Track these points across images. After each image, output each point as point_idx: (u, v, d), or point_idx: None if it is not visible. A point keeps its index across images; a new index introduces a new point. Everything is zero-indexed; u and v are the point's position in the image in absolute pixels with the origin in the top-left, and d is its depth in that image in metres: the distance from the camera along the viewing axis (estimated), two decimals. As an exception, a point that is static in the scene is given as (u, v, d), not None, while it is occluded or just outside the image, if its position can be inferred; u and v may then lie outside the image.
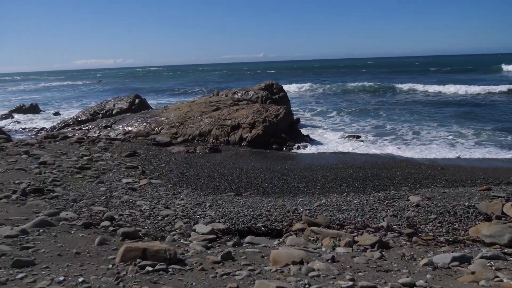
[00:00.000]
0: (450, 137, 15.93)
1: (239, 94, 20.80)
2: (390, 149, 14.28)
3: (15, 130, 20.40)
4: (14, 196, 6.91)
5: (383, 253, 4.77)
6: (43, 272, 3.71)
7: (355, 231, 5.88)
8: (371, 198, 7.86)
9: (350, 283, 3.61)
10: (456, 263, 4.37)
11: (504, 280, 3.74)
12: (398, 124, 19.28)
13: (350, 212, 6.85)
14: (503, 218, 6.29)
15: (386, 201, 7.54)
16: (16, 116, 25.40)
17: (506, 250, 5.03)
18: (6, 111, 27.11)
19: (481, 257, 4.55)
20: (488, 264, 4.34)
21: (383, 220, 6.41)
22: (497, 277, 3.85)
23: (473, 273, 4.03)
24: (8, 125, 22.30)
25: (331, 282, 3.68)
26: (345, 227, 6.11)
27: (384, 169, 11.14)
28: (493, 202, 6.79)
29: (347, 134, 16.73)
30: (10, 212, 5.96)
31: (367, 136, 16.58)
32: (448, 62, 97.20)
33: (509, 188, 8.41)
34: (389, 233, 5.82)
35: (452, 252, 4.81)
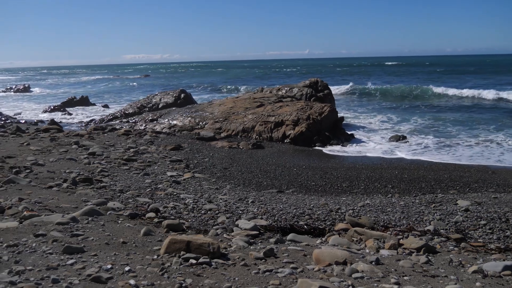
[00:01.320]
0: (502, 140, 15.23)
1: (283, 91, 20.73)
2: (437, 151, 13.83)
3: (66, 121, 21.21)
4: (64, 185, 7.20)
5: (430, 257, 4.62)
6: (92, 260, 3.83)
7: (400, 233, 5.73)
8: (417, 201, 7.65)
9: (395, 286, 3.52)
10: (508, 272, 4.17)
11: (561, 293, 3.54)
12: (446, 126, 18.67)
13: (395, 214, 6.69)
14: (560, 227, 5.97)
15: (433, 204, 7.32)
16: (68, 108, 26.39)
17: (563, 261, 4.76)
18: (59, 103, 28.23)
19: (535, 267, 4.33)
20: (542, 274, 4.12)
21: (430, 224, 6.22)
22: (552, 288, 3.65)
23: (526, 283, 3.85)
24: (60, 116, 23.23)
25: (375, 284, 3.60)
26: (390, 229, 5.97)
27: (431, 171, 10.81)
28: (549, 210, 6.46)
29: (393, 134, 16.34)
30: (61, 200, 6.21)
31: (412, 137, 16.13)
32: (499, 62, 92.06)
33: None
34: (436, 237, 5.63)
35: (504, 260, 4.60)
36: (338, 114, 17.87)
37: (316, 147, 14.50)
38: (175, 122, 17.64)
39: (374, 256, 4.40)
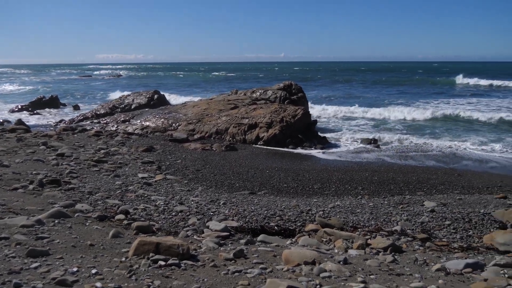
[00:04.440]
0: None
1: (258, 93, 20.80)
2: (407, 154, 14.13)
3: (35, 122, 20.72)
4: (31, 187, 7.03)
5: (396, 257, 4.72)
6: (57, 263, 3.76)
7: (368, 234, 5.84)
8: (386, 202, 7.80)
9: (362, 285, 3.58)
10: (469, 269, 4.31)
11: (518, 289, 3.68)
12: (415, 129, 19.06)
13: (364, 215, 6.81)
14: (519, 227, 6.20)
15: (401, 205, 7.48)
16: (36, 108, 25.75)
17: (521, 259, 4.94)
18: (27, 103, 27.54)
19: (495, 265, 4.48)
20: (501, 272, 4.26)
21: (397, 224, 6.36)
22: (509, 285, 3.78)
23: (485, 280, 3.98)
24: (28, 116, 22.67)
25: (342, 283, 3.66)
26: (359, 229, 6.08)
27: (400, 173, 11.04)
28: (509, 210, 6.72)
29: (364, 138, 16.59)
30: (27, 202, 6.07)
31: (383, 140, 16.42)
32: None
33: (528, 196, 8.28)
34: (402, 237, 5.77)
35: (466, 258, 4.75)
36: (312, 117, 18.04)
37: (289, 150, 14.60)
38: (147, 123, 17.47)
39: (342, 256, 4.47)
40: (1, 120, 19.79)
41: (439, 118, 21.54)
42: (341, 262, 4.27)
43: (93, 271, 3.62)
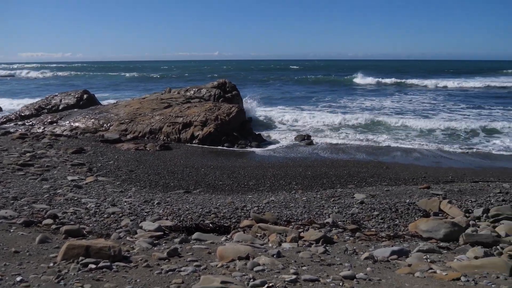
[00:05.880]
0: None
1: (192, 92, 20.62)
2: (339, 148, 14.64)
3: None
4: None
5: (327, 248, 4.92)
6: (-22, 272, 3.56)
7: (301, 227, 6.02)
8: (319, 196, 8.05)
9: (294, 276, 3.69)
10: (395, 256, 4.59)
11: (437, 271, 3.96)
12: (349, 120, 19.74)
13: (298, 209, 7.00)
14: (439, 215, 6.66)
15: (333, 199, 7.76)
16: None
17: (441, 244, 5.32)
18: None
19: (418, 251, 4.80)
20: (424, 257, 4.58)
21: (329, 217, 6.59)
22: (431, 268, 4.07)
23: (409, 265, 4.25)
24: None
25: (275, 276, 3.75)
26: (292, 223, 6.25)
27: (332, 168, 11.43)
28: (431, 200, 7.17)
29: (297, 134, 16.97)
30: None
31: (316, 136, 16.88)
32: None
33: (447, 186, 8.88)
34: (333, 229, 6.00)
35: (392, 246, 5.03)
36: (246, 115, 18.18)
37: (224, 147, 14.63)
38: (77, 124, 16.78)
39: (276, 250, 4.58)
40: None
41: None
42: (274, 256, 4.37)
43: (18, 278, 3.46)
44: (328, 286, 3.56)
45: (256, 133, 16.74)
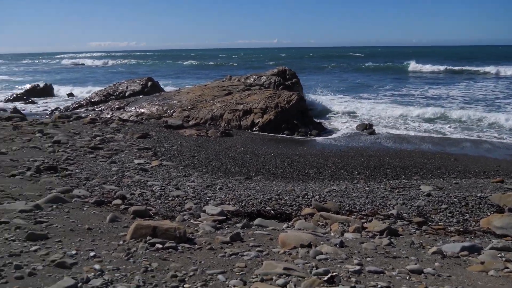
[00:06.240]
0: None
1: (252, 79, 20.72)
2: (403, 138, 14.17)
3: (30, 110, 20.59)
4: (28, 173, 7.02)
5: (392, 240, 4.77)
6: (56, 246, 3.78)
7: (364, 217, 5.88)
8: (382, 186, 7.84)
9: (358, 267, 3.62)
10: (465, 252, 4.36)
11: (514, 270, 3.72)
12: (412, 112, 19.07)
13: (360, 199, 6.85)
14: (515, 210, 6.25)
15: (397, 190, 7.52)
16: (31, 97, 25.56)
17: (516, 241, 5.00)
18: (21, 91, 27.33)
19: (491, 248, 4.53)
20: (499, 255, 4.30)
21: (393, 208, 6.40)
22: (507, 268, 3.83)
23: (482, 263, 4.01)
24: (23, 105, 22.52)
25: (338, 265, 3.69)
26: (354, 213, 6.12)
27: (396, 158, 11.09)
28: (506, 194, 6.74)
29: (359, 123, 16.61)
30: (25, 188, 6.07)
31: (379, 125, 16.45)
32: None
33: (522, 180, 8.34)
34: (398, 221, 5.81)
35: (462, 242, 4.79)
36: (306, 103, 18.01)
37: (284, 135, 14.61)
38: (142, 110, 17.40)
39: (339, 239, 4.51)
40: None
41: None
42: (337, 245, 4.30)
43: (91, 253, 3.64)
44: (394, 279, 3.46)
45: (317, 121, 16.57)
